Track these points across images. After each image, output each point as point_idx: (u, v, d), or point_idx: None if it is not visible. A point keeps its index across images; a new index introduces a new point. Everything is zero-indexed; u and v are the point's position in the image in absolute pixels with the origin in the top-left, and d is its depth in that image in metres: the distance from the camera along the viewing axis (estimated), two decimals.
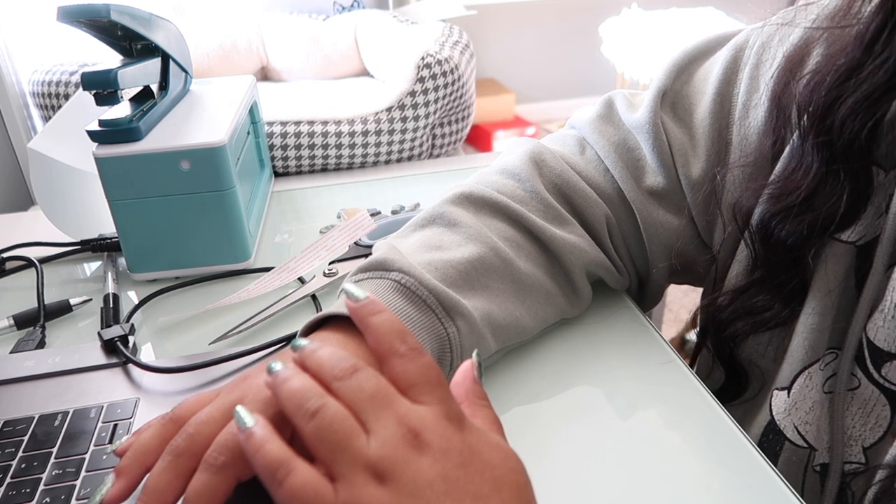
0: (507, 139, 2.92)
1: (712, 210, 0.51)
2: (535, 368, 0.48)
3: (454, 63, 0.87)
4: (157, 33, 0.63)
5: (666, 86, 0.52)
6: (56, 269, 0.65)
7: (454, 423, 0.30)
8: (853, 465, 0.43)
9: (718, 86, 0.50)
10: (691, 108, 0.52)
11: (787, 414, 0.45)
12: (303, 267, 0.60)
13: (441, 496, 0.27)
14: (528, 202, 0.50)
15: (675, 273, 0.55)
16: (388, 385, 0.30)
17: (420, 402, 0.30)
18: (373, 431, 0.29)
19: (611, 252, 0.52)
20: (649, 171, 0.52)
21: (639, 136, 0.52)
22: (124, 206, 0.58)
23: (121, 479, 0.33)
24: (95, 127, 0.57)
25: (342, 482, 0.28)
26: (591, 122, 0.54)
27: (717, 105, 0.50)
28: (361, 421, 0.29)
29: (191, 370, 0.48)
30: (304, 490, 0.28)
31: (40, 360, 0.50)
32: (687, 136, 0.51)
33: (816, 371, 0.44)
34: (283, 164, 0.85)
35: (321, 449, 0.29)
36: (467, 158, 0.95)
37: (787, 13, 0.48)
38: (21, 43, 1.08)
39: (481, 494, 0.28)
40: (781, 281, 0.45)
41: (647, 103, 0.52)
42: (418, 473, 0.28)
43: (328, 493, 0.28)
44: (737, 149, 0.49)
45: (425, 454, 0.28)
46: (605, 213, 0.51)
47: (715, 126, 0.50)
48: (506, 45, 3.25)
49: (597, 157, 0.53)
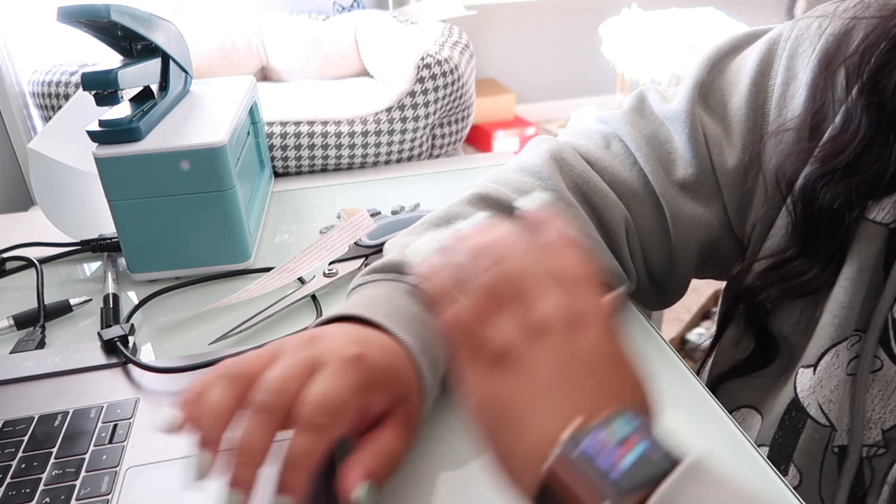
0: (507, 139, 2.92)
1: (747, 192, 0.51)
2: None
3: (454, 63, 0.87)
4: (157, 33, 0.63)
5: (701, 77, 0.52)
6: (56, 270, 0.65)
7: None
8: (872, 447, 0.43)
9: (754, 76, 0.50)
10: (724, 98, 0.52)
11: (811, 391, 0.46)
12: (303, 267, 0.60)
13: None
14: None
15: (702, 266, 0.55)
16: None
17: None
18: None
19: (624, 256, 0.52)
20: (680, 163, 0.52)
21: (672, 127, 0.52)
22: (124, 206, 0.58)
23: (210, 448, 0.32)
24: (95, 127, 0.57)
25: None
26: (624, 114, 0.54)
27: (752, 95, 0.50)
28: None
29: (191, 370, 0.48)
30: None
31: (40, 361, 0.50)
32: (721, 126, 0.51)
33: (843, 350, 0.44)
34: (283, 164, 0.85)
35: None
36: (467, 158, 0.95)
37: (826, 7, 0.48)
38: (21, 43, 1.08)
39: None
40: (820, 247, 0.46)
41: (684, 94, 0.52)
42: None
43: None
44: (771, 135, 0.49)
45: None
46: (625, 215, 0.51)
47: (750, 115, 0.50)
48: (506, 45, 3.25)
49: (624, 151, 0.53)
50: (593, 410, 0.28)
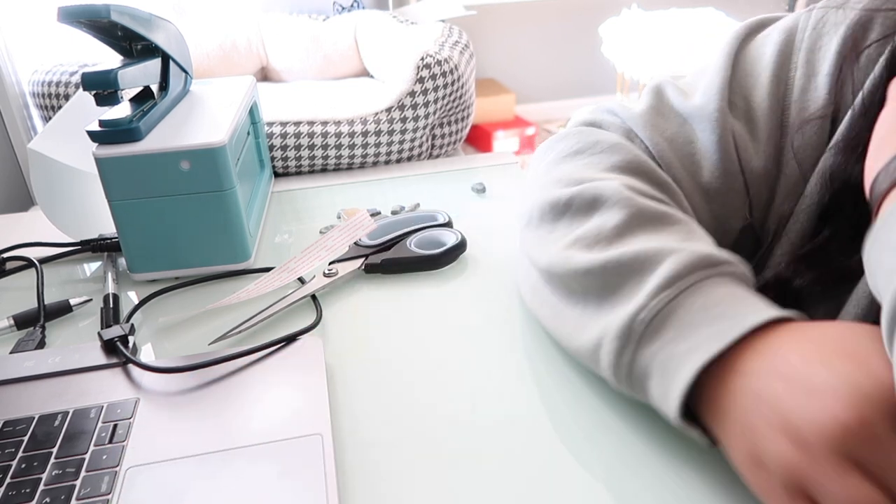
0: (507, 139, 2.92)
1: (771, 188, 0.50)
2: (534, 368, 0.48)
3: (454, 63, 0.87)
4: (157, 33, 0.63)
5: (729, 70, 0.51)
6: (56, 270, 0.65)
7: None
8: None
9: (774, 68, 0.49)
10: (747, 92, 0.50)
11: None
12: (303, 267, 0.60)
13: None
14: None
15: None
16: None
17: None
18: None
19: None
20: (706, 165, 0.50)
21: (697, 126, 0.51)
22: (124, 207, 0.58)
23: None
24: (95, 127, 0.57)
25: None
26: (643, 115, 0.53)
27: (774, 87, 0.49)
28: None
29: (191, 370, 0.48)
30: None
31: (40, 361, 0.50)
32: (745, 122, 0.50)
33: None
34: (283, 164, 0.85)
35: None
36: (467, 159, 0.95)
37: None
38: (21, 43, 1.08)
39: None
40: (852, 228, 0.44)
41: (712, 91, 0.50)
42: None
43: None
44: (794, 128, 0.48)
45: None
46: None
47: (775, 109, 0.49)
48: (506, 45, 3.25)
49: (647, 151, 0.52)
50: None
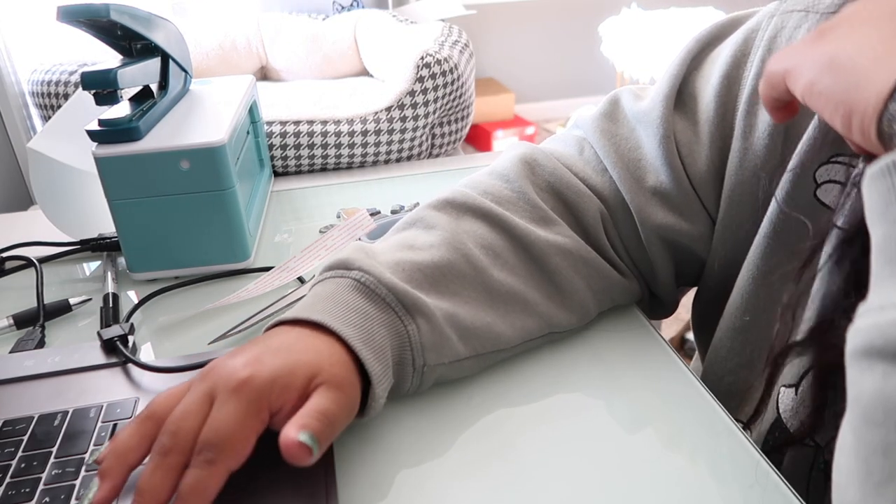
0: (507, 139, 2.92)
1: (731, 193, 0.49)
2: (534, 368, 0.48)
3: (454, 63, 0.87)
4: (156, 33, 0.63)
5: (678, 72, 0.51)
6: (56, 269, 0.65)
7: None
8: None
9: (727, 68, 0.48)
10: (697, 93, 0.50)
11: (794, 413, 0.44)
12: (302, 267, 0.60)
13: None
14: (514, 203, 0.50)
15: (680, 275, 0.54)
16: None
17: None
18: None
19: (607, 250, 0.51)
20: (651, 170, 0.50)
21: (644, 131, 0.51)
22: (124, 206, 0.58)
23: (106, 481, 0.35)
24: (95, 126, 0.57)
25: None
26: (594, 119, 0.54)
27: (724, 87, 0.48)
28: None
29: (190, 370, 0.48)
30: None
31: (40, 360, 0.50)
32: (690, 125, 0.50)
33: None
34: (283, 163, 0.85)
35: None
36: (467, 158, 0.95)
37: (809, 1, 0.46)
38: (21, 43, 1.08)
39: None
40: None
41: (656, 94, 0.51)
42: None
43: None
44: (742, 131, 0.47)
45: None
46: (599, 207, 0.51)
47: (720, 110, 0.48)
48: (506, 45, 3.25)
49: (595, 156, 0.52)
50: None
